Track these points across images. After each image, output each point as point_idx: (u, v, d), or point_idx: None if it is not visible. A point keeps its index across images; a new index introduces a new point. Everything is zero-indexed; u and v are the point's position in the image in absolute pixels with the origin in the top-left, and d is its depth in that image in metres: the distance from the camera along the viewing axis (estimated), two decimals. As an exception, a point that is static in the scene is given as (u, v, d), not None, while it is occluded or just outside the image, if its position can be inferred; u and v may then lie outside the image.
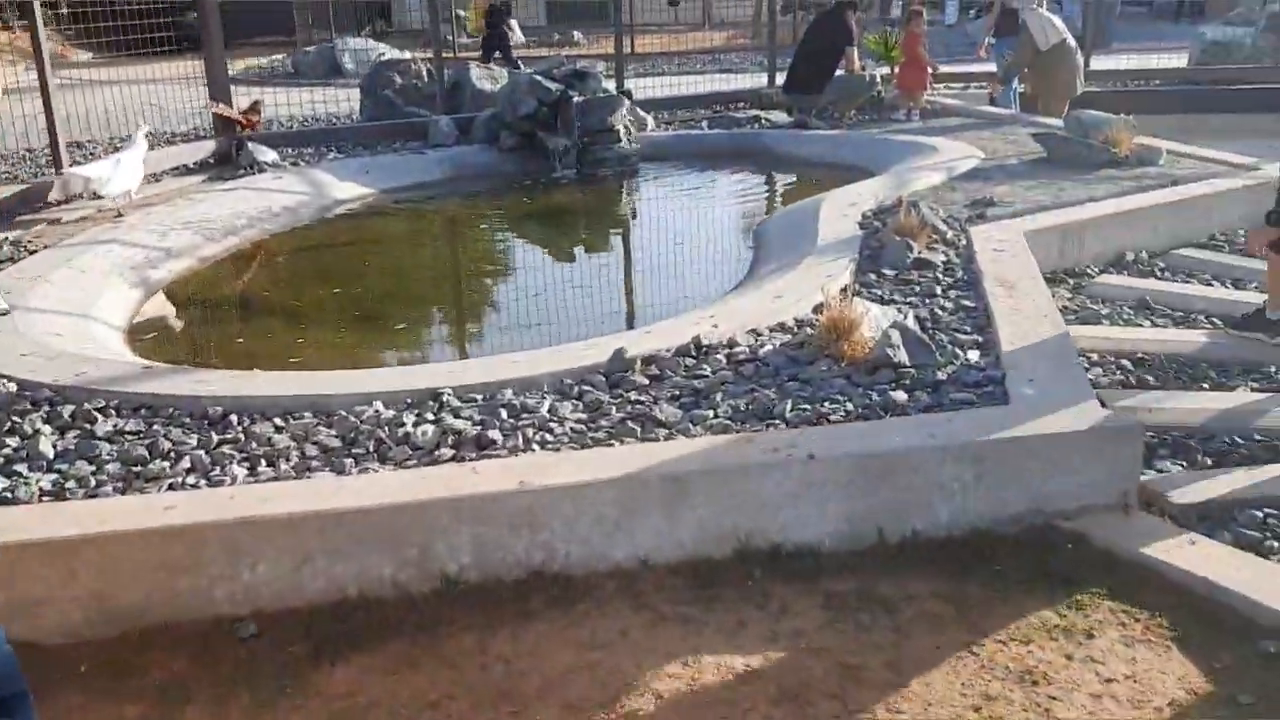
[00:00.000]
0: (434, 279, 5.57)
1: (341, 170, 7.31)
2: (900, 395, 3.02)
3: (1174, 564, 2.50)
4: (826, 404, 2.98)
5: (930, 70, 9.25)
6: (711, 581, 2.55)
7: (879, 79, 9.52)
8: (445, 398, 3.07)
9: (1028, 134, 7.34)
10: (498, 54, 14.66)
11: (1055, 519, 2.70)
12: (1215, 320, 4.20)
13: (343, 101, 10.38)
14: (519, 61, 13.26)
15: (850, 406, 2.97)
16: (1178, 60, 13.03)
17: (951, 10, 19.98)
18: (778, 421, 2.90)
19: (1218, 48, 11.58)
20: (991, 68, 10.53)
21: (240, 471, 2.72)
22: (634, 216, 7.00)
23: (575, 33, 21.39)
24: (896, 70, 9.38)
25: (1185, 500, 2.77)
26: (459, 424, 2.92)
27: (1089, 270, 4.92)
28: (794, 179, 7.83)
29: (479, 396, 3.10)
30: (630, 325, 4.47)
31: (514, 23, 15.11)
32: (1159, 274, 4.87)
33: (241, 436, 2.92)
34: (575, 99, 7.74)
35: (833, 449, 2.64)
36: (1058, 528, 2.69)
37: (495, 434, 2.86)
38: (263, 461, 2.78)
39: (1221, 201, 5.47)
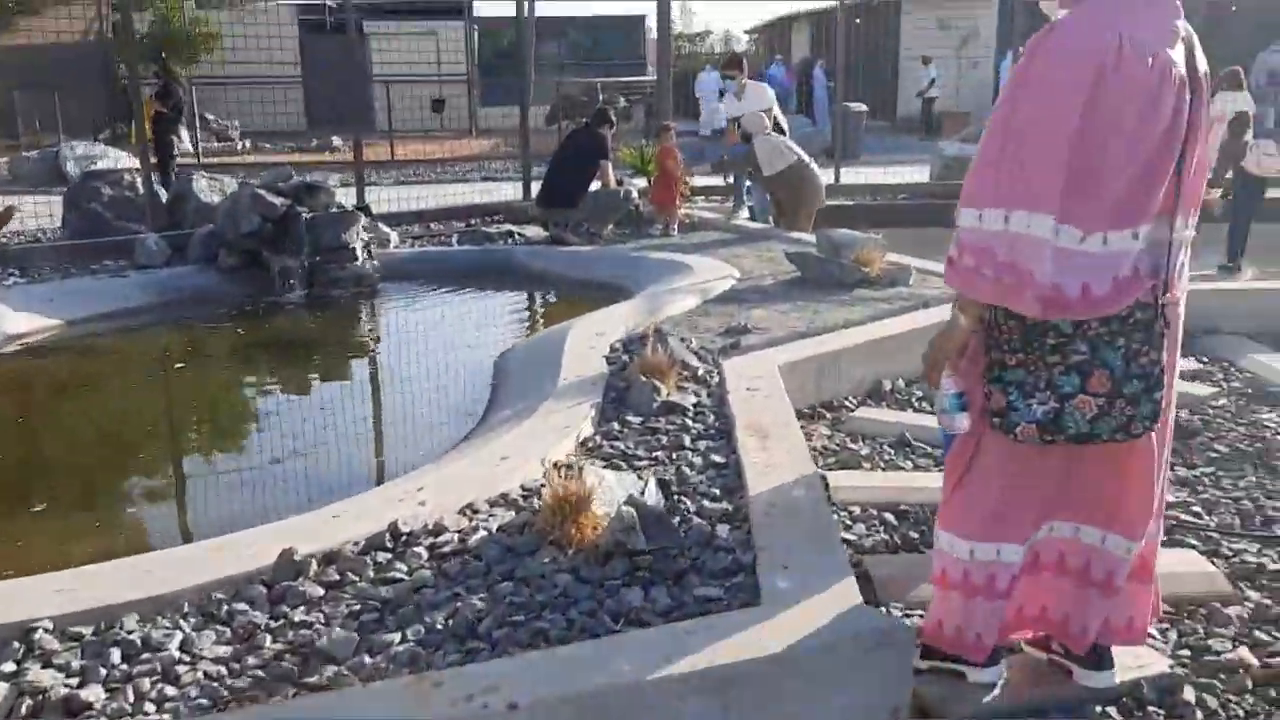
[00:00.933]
0: (97, 440, 4.60)
1: (18, 298, 6.26)
2: (636, 595, 2.48)
3: (960, 808, 2.04)
4: (546, 614, 2.40)
5: (685, 184, 9.12)
6: None
7: (636, 193, 9.32)
8: (39, 635, 2.29)
9: (783, 251, 7.21)
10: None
11: (820, 749, 2.21)
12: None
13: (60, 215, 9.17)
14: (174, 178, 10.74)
15: (575, 615, 2.40)
16: (920, 175, 13.67)
17: (710, 122, 20.52)
18: (481, 645, 2.29)
19: (957, 163, 12.18)
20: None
21: None
22: (361, 348, 6.28)
23: (335, 138, 20.61)
24: (651, 184, 9.21)
25: (963, 710, 2.34)
26: (47, 677, 2.15)
27: (848, 402, 4.63)
28: (546, 300, 7.39)
29: (89, 629, 2.34)
30: (376, 481, 3.77)
31: (184, 131, 13.70)
32: (916, 405, 4.64)
33: None
34: (304, 215, 7.04)
35: (544, 689, 2.04)
36: (823, 764, 2.20)
37: (94, 691, 2.11)
38: None
39: (972, 323, 5.37)
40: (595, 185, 8.87)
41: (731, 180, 10.15)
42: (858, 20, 24.44)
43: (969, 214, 2.07)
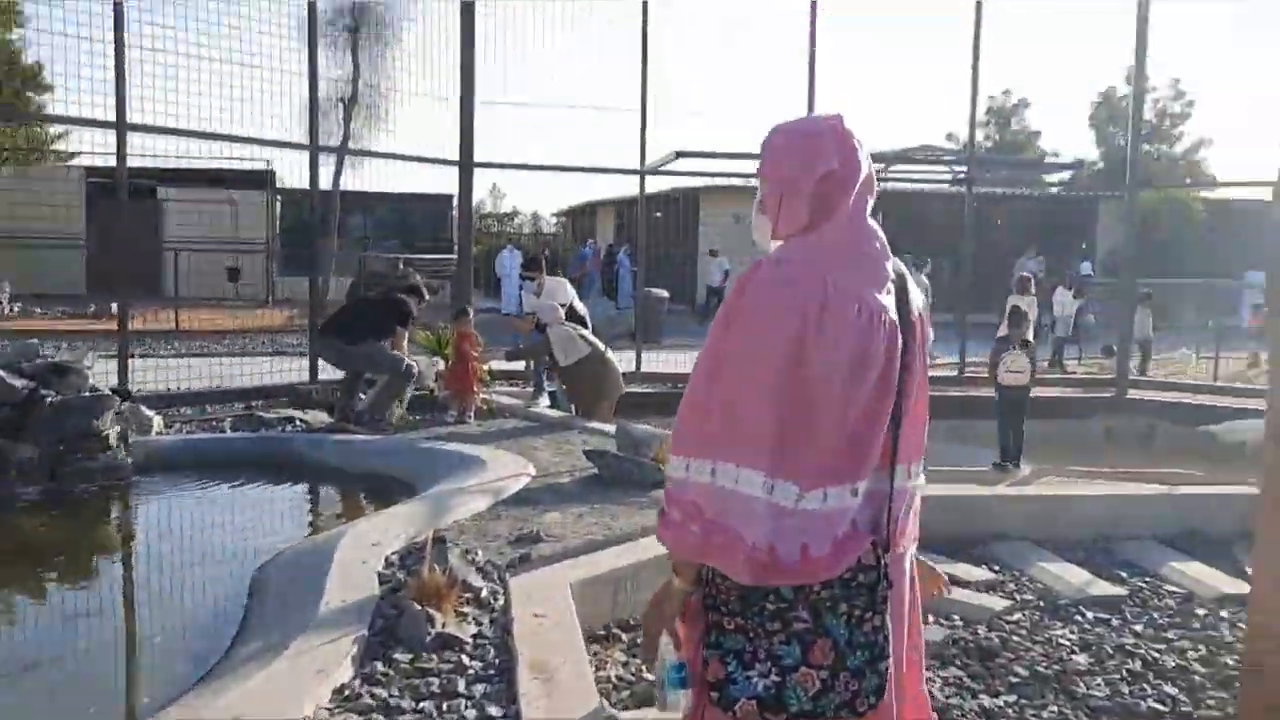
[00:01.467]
0: None
1: None
2: None
3: None
4: None
5: (482, 369, 8.83)
6: None
7: (434, 374, 8.95)
8: None
9: (581, 443, 6.97)
10: None
11: None
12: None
13: None
14: None
15: None
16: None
17: (511, 300, 20.57)
18: None
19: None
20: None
21: None
22: (98, 556, 5.43)
23: (114, 305, 19.37)
24: (447, 368, 8.87)
25: None
26: None
27: (644, 621, 4.30)
28: (324, 497, 6.80)
29: None
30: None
31: None
32: (717, 623, 4.36)
33: None
34: (50, 399, 6.30)
35: None
36: None
37: None
38: None
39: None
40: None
41: (531, 365, 9.99)
42: (658, 214, 25.52)
43: (677, 463, 1.87)
